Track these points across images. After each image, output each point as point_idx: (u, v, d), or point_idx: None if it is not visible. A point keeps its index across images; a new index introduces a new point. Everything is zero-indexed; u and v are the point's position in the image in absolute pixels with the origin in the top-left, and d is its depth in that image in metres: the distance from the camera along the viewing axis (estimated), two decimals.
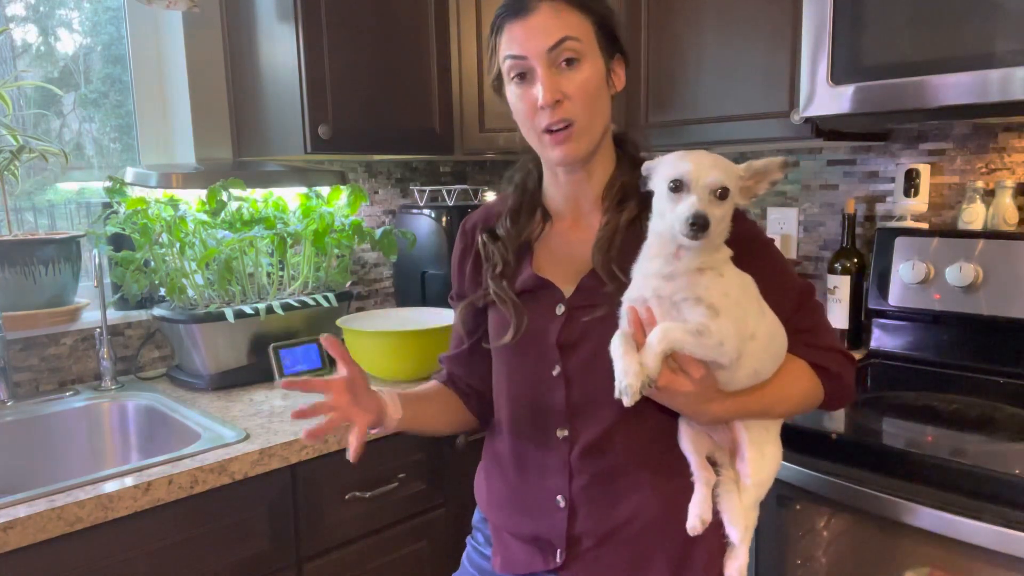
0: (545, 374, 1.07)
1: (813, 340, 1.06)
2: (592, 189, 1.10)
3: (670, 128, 1.93)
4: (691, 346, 0.91)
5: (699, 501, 1.01)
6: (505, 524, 1.14)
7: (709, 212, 0.88)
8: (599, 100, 1.04)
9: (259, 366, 1.80)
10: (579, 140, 1.03)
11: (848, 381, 1.08)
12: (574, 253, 1.09)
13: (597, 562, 1.06)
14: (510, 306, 1.09)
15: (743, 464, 1.01)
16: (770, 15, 1.70)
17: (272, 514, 1.40)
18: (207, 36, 2.00)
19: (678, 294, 0.92)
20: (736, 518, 1.01)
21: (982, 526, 1.17)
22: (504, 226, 1.14)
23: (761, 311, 0.98)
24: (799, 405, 1.05)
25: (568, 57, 1.00)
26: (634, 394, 0.88)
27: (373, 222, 2.36)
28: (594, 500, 1.05)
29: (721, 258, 0.95)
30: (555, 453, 1.07)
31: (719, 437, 1.04)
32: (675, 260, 0.93)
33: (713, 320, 0.90)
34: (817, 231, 2.09)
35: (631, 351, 0.91)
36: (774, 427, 1.05)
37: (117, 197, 1.75)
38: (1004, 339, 1.68)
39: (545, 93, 1.00)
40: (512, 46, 1.02)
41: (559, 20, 1.00)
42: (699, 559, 1.05)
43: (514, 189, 1.16)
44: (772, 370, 1.00)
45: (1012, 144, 1.75)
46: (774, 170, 0.95)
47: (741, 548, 1.02)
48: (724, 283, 0.93)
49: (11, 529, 1.09)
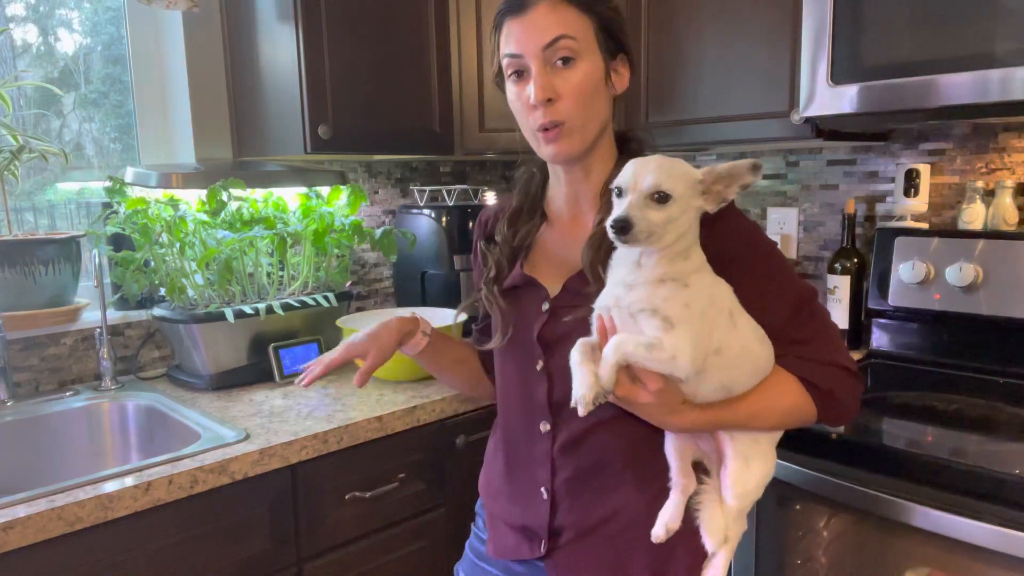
0: (530, 369, 1.09)
1: (806, 352, 1.00)
2: (591, 188, 1.10)
3: (670, 128, 1.93)
4: (643, 359, 0.89)
5: (670, 508, 1.00)
6: (499, 512, 1.17)
7: (641, 215, 0.87)
8: (594, 100, 1.03)
9: (259, 366, 1.80)
10: (570, 138, 1.03)
11: (841, 397, 1.01)
12: (567, 252, 1.10)
13: (577, 555, 1.07)
14: (497, 311, 1.12)
15: (725, 474, 0.99)
16: (770, 15, 1.70)
17: (272, 514, 1.40)
18: (207, 36, 2.00)
19: (635, 305, 0.90)
20: (713, 528, 0.99)
21: (982, 526, 1.17)
22: (501, 231, 1.15)
23: (732, 324, 0.94)
24: (785, 420, 1.00)
25: (563, 56, 1.00)
26: (587, 404, 0.88)
27: (373, 222, 2.36)
28: (576, 494, 1.07)
29: (688, 268, 0.92)
30: (540, 446, 1.09)
31: (704, 445, 1.02)
32: (637, 269, 0.92)
33: (667, 333, 0.88)
34: (817, 231, 2.09)
35: (587, 361, 0.91)
36: (766, 440, 1.01)
37: (117, 197, 1.75)
38: (1004, 339, 1.68)
39: (537, 92, 1.00)
40: (510, 43, 1.03)
41: (556, 18, 1.00)
42: (681, 562, 1.04)
43: (518, 191, 1.18)
44: (748, 384, 0.97)
45: (1012, 144, 1.75)
46: (743, 173, 0.91)
47: (719, 559, 1.00)
48: (687, 294, 0.90)
49: (11, 529, 1.09)
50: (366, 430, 1.51)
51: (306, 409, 1.58)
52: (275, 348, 1.79)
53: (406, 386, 1.73)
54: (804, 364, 1.00)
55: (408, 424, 1.58)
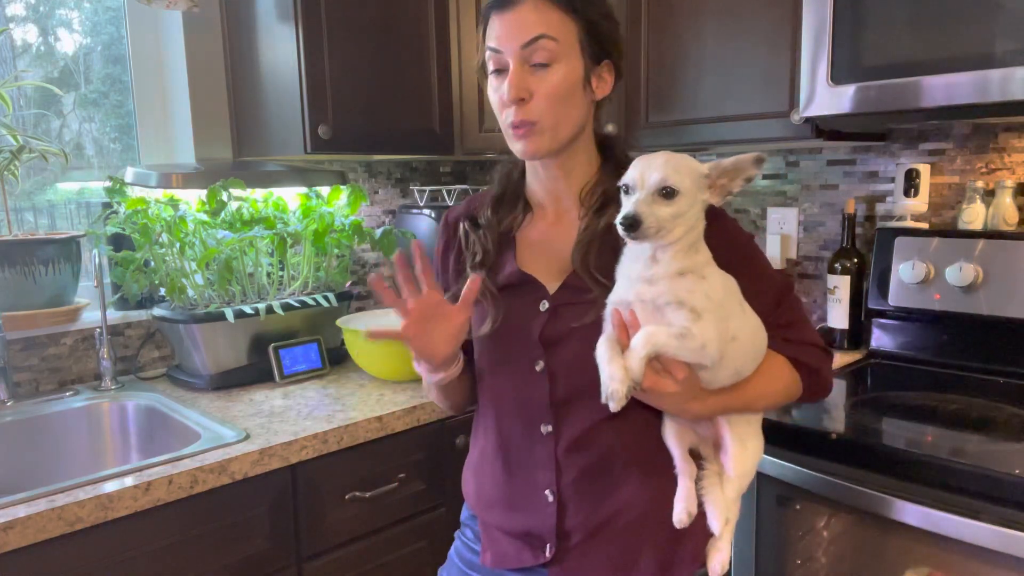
0: (528, 369, 1.07)
1: (792, 335, 1.07)
2: (570, 187, 1.10)
3: (670, 128, 1.93)
4: (675, 349, 0.92)
5: (684, 494, 1.03)
6: (494, 521, 1.14)
7: (650, 211, 0.90)
8: (569, 103, 1.03)
9: (259, 366, 1.80)
10: (539, 138, 1.03)
11: (826, 375, 1.10)
12: (556, 249, 1.09)
13: (586, 556, 1.06)
14: (488, 297, 1.09)
15: (726, 457, 1.03)
16: (770, 15, 1.70)
17: (272, 514, 1.40)
18: (207, 36, 2.00)
19: (660, 298, 0.93)
20: (720, 510, 1.03)
21: (982, 526, 1.17)
22: (485, 215, 1.14)
23: (743, 311, 0.99)
24: (779, 399, 1.07)
25: (541, 56, 1.00)
26: (620, 399, 0.90)
27: (373, 222, 2.36)
28: (583, 494, 1.06)
29: (701, 260, 0.95)
30: (541, 448, 1.08)
31: (703, 431, 1.06)
32: (653, 264, 0.94)
33: (695, 323, 0.92)
34: (817, 231, 2.09)
35: (616, 356, 0.93)
36: (756, 420, 1.07)
37: (117, 197, 1.75)
38: (1004, 339, 1.68)
39: (510, 90, 1.00)
40: (492, 38, 1.03)
41: (539, 17, 1.00)
42: (687, 552, 1.07)
43: (498, 179, 1.17)
44: (753, 368, 1.02)
45: (1012, 144, 1.75)
46: (747, 167, 0.94)
47: (723, 541, 1.04)
48: (706, 285, 0.94)
49: (11, 529, 1.10)
50: (366, 430, 1.51)
51: (306, 409, 1.58)
52: (275, 348, 1.79)
53: (406, 386, 1.73)
54: (792, 346, 1.07)
55: (408, 424, 1.58)
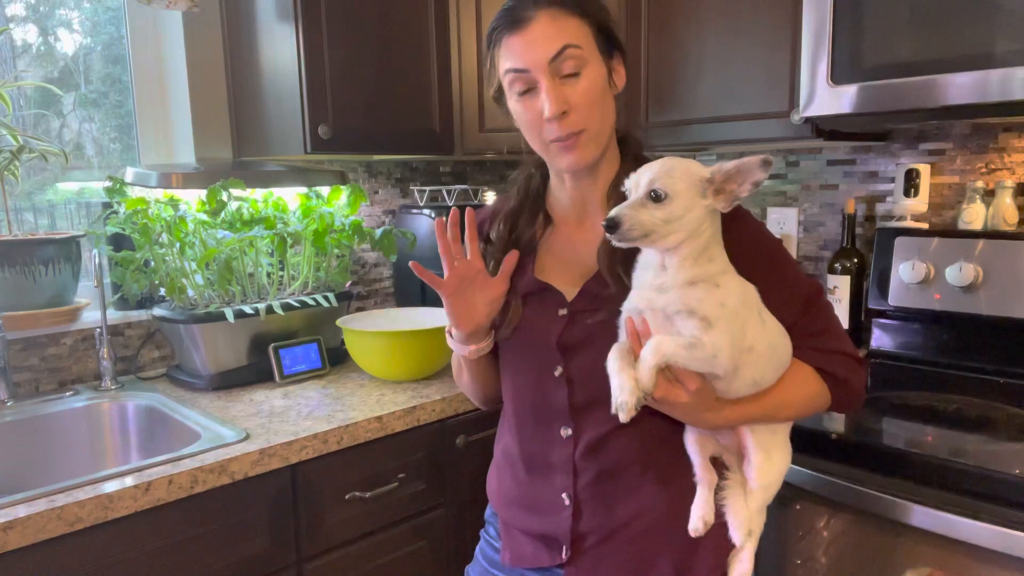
0: (547, 374, 1.07)
1: (821, 344, 1.04)
2: (598, 191, 1.10)
3: (670, 128, 1.93)
4: (684, 359, 0.90)
5: (701, 502, 1.01)
6: (514, 520, 1.15)
7: (633, 214, 0.89)
8: (604, 104, 1.03)
9: (259, 366, 1.80)
10: (587, 147, 1.02)
11: (855, 385, 1.06)
12: (578, 255, 1.09)
13: (601, 559, 1.06)
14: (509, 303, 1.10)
15: (749, 468, 1.01)
16: (770, 15, 1.70)
17: (272, 514, 1.40)
18: (207, 36, 2.00)
19: (670, 307, 0.91)
20: (740, 521, 1.00)
21: (982, 526, 1.17)
22: (496, 230, 1.14)
23: (761, 321, 0.97)
24: (804, 409, 1.04)
25: (571, 66, 0.99)
26: (629, 410, 0.89)
27: (373, 222, 2.36)
28: (599, 498, 1.05)
29: (715, 269, 0.93)
30: (559, 451, 1.07)
31: (725, 440, 1.04)
32: (663, 272, 0.93)
33: (706, 333, 0.90)
34: (817, 231, 2.09)
35: (626, 367, 0.92)
36: (781, 430, 1.04)
37: (117, 197, 1.75)
38: (1004, 339, 1.68)
39: (551, 106, 0.98)
40: (512, 59, 1.01)
41: (558, 29, 0.99)
42: (704, 561, 1.05)
43: (516, 191, 1.16)
44: (774, 378, 1.00)
45: (1012, 144, 1.75)
46: (753, 170, 0.91)
47: (745, 552, 1.01)
48: (720, 294, 0.92)
49: (11, 529, 1.09)
50: (366, 430, 1.51)
51: (306, 409, 1.58)
52: (275, 348, 1.79)
53: (406, 386, 1.73)
54: (820, 355, 1.04)
55: (408, 424, 1.58)
